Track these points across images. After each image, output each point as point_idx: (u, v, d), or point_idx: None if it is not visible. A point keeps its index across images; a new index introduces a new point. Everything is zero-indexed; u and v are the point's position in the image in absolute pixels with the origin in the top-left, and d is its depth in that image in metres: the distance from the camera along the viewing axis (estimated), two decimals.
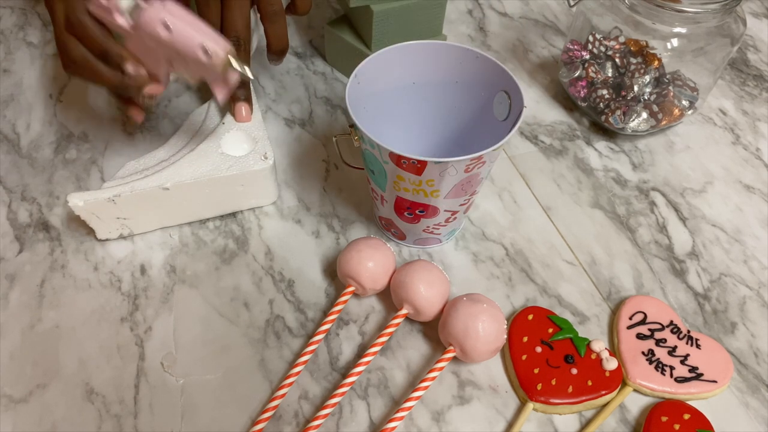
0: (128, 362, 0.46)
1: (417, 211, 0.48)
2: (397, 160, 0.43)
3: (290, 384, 0.45)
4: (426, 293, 0.46)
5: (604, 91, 0.61)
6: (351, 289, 0.48)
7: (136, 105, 0.50)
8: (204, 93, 0.64)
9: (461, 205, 0.49)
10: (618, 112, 0.60)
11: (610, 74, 0.62)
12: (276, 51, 0.53)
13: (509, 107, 0.48)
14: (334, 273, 0.52)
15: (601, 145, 0.62)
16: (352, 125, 0.45)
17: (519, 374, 0.46)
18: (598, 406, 0.45)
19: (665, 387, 0.46)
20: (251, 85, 0.56)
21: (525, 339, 0.47)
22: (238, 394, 0.45)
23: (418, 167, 0.43)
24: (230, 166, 0.51)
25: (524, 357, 0.46)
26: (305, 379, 0.46)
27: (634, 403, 0.46)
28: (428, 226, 0.50)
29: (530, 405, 0.44)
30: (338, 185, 0.57)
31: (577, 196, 0.58)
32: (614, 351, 0.48)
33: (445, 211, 0.48)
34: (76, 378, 0.46)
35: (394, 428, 0.42)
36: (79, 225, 0.53)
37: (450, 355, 0.45)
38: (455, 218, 0.50)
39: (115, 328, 0.48)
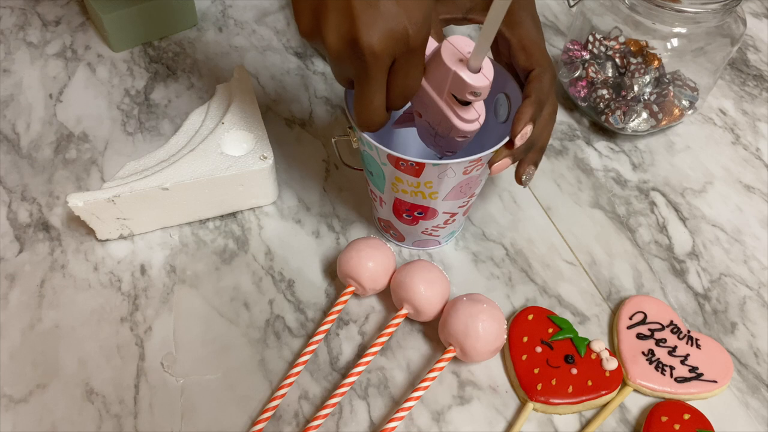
0: (128, 362, 0.46)
1: (415, 213, 0.48)
2: (395, 161, 0.43)
3: (290, 384, 0.45)
4: (426, 293, 0.46)
5: (604, 91, 0.61)
6: (351, 289, 0.48)
7: None
8: (203, 93, 0.64)
9: (460, 207, 0.49)
10: (618, 112, 0.60)
11: (610, 74, 0.62)
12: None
13: (509, 109, 0.47)
14: (334, 273, 0.52)
15: (601, 145, 0.62)
16: (351, 127, 0.45)
17: (519, 374, 0.46)
18: (598, 406, 0.45)
19: (665, 387, 0.46)
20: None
21: (525, 339, 0.47)
22: (238, 394, 0.45)
23: (416, 169, 0.43)
24: (230, 166, 0.51)
25: (524, 357, 0.46)
26: (305, 379, 0.46)
27: (634, 403, 0.46)
28: (427, 228, 0.50)
29: (530, 405, 0.44)
30: (338, 185, 0.57)
31: (577, 196, 0.58)
32: (614, 351, 0.48)
33: (444, 213, 0.48)
34: (76, 378, 0.46)
35: (394, 428, 0.42)
36: (79, 225, 0.53)
37: (450, 355, 0.45)
38: (454, 220, 0.50)
39: (115, 328, 0.48)
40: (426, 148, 0.54)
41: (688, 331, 0.48)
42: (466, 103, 0.40)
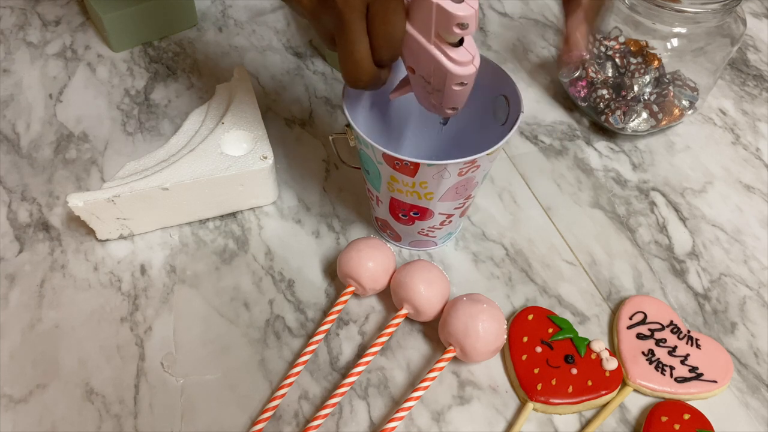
0: (128, 362, 0.46)
1: (411, 213, 0.48)
2: (391, 161, 0.43)
3: (290, 384, 0.45)
4: (426, 293, 0.46)
5: (604, 91, 0.61)
6: (351, 289, 0.48)
7: None
8: (203, 93, 0.64)
9: (456, 208, 0.48)
10: (618, 112, 0.60)
11: (610, 74, 0.62)
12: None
13: (508, 112, 0.47)
14: (334, 273, 0.52)
15: (601, 145, 0.62)
16: (348, 125, 0.45)
17: (519, 374, 0.46)
18: (598, 406, 0.45)
19: (665, 387, 0.46)
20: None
21: (525, 339, 0.47)
22: (238, 394, 0.45)
23: (411, 169, 0.43)
24: (229, 166, 0.51)
25: (524, 357, 0.46)
26: (305, 379, 0.46)
27: (634, 403, 0.46)
28: (423, 229, 0.50)
29: (530, 405, 0.44)
30: (338, 185, 0.57)
31: (577, 196, 0.58)
32: (614, 351, 0.48)
33: (440, 214, 0.48)
34: (76, 378, 0.46)
35: (394, 428, 0.42)
36: (79, 225, 0.53)
37: (450, 355, 0.45)
38: (450, 222, 0.50)
39: (115, 328, 0.48)
40: (426, 149, 0.55)
41: (688, 331, 0.48)
42: (458, 46, 0.38)
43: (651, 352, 0.47)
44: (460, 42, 0.38)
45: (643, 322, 0.49)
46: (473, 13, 0.36)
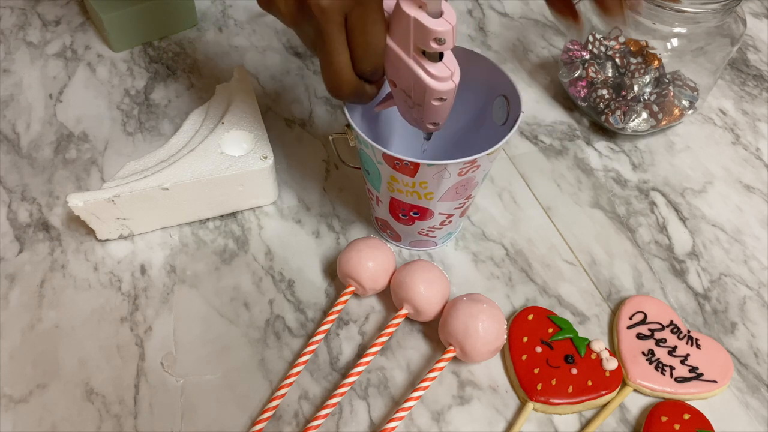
0: (128, 362, 0.46)
1: (411, 213, 0.48)
2: (391, 161, 0.43)
3: (290, 384, 0.45)
4: (426, 293, 0.46)
5: (604, 91, 0.61)
6: (351, 289, 0.48)
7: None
8: (204, 93, 0.64)
9: (456, 208, 0.48)
10: (618, 112, 0.60)
11: (610, 74, 0.62)
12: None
13: (507, 112, 0.47)
14: (334, 273, 0.52)
15: (601, 145, 0.62)
16: (348, 124, 0.45)
17: (519, 374, 0.46)
18: (598, 406, 0.45)
19: (665, 387, 0.46)
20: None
21: (525, 339, 0.47)
22: (238, 394, 0.45)
23: (411, 169, 0.43)
24: (230, 166, 0.51)
25: (524, 357, 0.46)
26: (305, 379, 0.46)
27: (634, 403, 0.46)
28: (423, 229, 0.50)
29: (530, 405, 0.44)
30: (338, 185, 0.57)
31: (577, 196, 0.58)
32: (614, 351, 0.48)
33: (440, 214, 0.48)
34: (76, 378, 0.46)
35: (394, 428, 0.42)
36: (79, 225, 0.53)
37: (450, 355, 0.45)
38: (450, 222, 0.50)
39: (115, 328, 0.48)
40: (426, 149, 0.55)
41: (688, 331, 0.48)
42: (438, 61, 0.39)
43: (651, 352, 0.47)
44: (441, 57, 0.39)
45: (643, 322, 0.49)
46: (450, 28, 0.36)
